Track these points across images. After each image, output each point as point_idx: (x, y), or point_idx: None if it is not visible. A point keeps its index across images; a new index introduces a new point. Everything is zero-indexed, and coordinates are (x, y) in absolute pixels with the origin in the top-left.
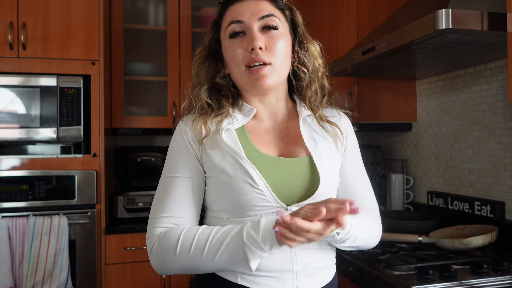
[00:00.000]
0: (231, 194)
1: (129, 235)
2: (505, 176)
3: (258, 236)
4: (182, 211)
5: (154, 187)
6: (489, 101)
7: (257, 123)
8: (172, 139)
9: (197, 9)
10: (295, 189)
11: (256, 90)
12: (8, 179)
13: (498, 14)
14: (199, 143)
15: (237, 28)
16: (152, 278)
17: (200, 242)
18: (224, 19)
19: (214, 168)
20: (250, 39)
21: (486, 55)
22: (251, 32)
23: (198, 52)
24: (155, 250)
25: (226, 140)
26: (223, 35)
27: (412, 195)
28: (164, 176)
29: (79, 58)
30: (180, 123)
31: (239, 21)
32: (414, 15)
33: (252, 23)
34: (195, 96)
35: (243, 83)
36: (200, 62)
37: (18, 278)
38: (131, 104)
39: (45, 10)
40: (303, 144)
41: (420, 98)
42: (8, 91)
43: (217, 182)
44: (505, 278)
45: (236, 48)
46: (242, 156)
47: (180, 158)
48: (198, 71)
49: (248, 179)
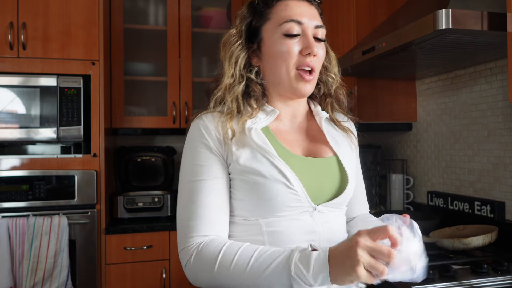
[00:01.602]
0: (262, 195)
1: (129, 235)
2: (505, 176)
3: (308, 272)
4: (215, 216)
5: (154, 187)
6: (489, 101)
7: (278, 124)
8: (190, 138)
9: (197, 9)
10: (325, 189)
11: (295, 94)
12: (8, 179)
13: (498, 14)
14: (224, 143)
15: (295, 29)
16: (152, 278)
17: (243, 261)
18: (276, 11)
19: (243, 169)
20: (308, 44)
21: (486, 55)
22: (308, 37)
23: (232, 34)
24: (191, 263)
25: (256, 139)
26: (272, 28)
27: (412, 195)
28: (188, 180)
29: (79, 58)
30: (199, 121)
31: (299, 22)
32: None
33: (309, 28)
34: (230, 93)
35: (284, 83)
36: (235, 46)
37: (18, 278)
38: (131, 104)
39: (45, 10)
40: (327, 144)
41: (420, 98)
42: (8, 91)
43: (245, 183)
44: (505, 278)
45: (292, 48)
46: (274, 156)
47: (204, 159)
48: (230, 56)
49: (283, 180)
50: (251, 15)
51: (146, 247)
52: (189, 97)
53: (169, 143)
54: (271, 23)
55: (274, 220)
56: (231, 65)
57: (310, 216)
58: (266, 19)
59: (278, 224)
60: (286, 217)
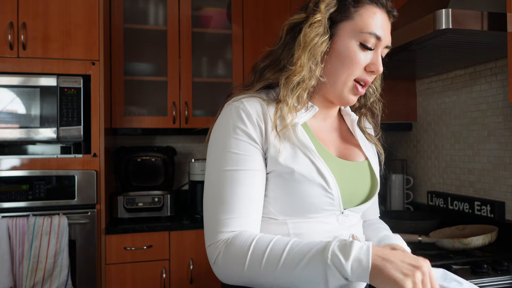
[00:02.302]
0: (297, 196)
1: (129, 235)
2: (505, 176)
3: (347, 262)
4: (250, 212)
5: (154, 187)
6: (489, 101)
7: (313, 121)
8: (225, 123)
9: (197, 9)
10: (357, 194)
11: (340, 102)
12: (8, 179)
13: (498, 14)
14: (266, 134)
15: (372, 43)
16: (152, 278)
17: (275, 254)
18: (362, 15)
19: (281, 167)
20: (376, 63)
21: (486, 55)
22: (378, 55)
23: (317, 21)
24: (220, 259)
25: (300, 135)
26: (351, 31)
27: (412, 195)
28: (221, 169)
29: (79, 58)
30: (239, 104)
31: (379, 38)
32: (414, 15)
33: (382, 46)
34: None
35: (336, 89)
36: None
37: (18, 278)
38: (131, 104)
39: (45, 10)
40: (359, 147)
41: (420, 98)
42: (8, 91)
43: (281, 181)
44: (505, 278)
45: (362, 60)
46: (316, 155)
47: (242, 148)
48: (312, 47)
49: (322, 182)
50: (336, 4)
51: (146, 247)
52: (189, 97)
53: (169, 143)
54: (352, 24)
55: (301, 221)
56: (311, 57)
57: (336, 219)
58: (349, 18)
59: (306, 226)
60: (314, 219)
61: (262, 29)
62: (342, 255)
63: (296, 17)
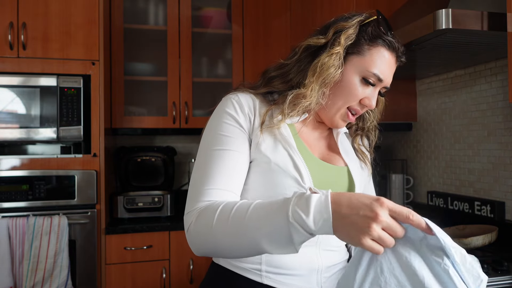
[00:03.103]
0: (272, 185)
1: (129, 235)
2: (505, 176)
3: (308, 218)
4: (231, 184)
5: (154, 187)
6: (489, 101)
7: (303, 127)
8: (218, 110)
9: (197, 9)
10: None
11: (330, 124)
12: (8, 179)
13: (498, 14)
14: (253, 123)
15: (373, 81)
16: (152, 278)
17: (239, 215)
18: (373, 54)
19: (260, 153)
20: (371, 98)
21: (486, 55)
22: (375, 92)
23: (336, 52)
24: (192, 225)
25: (282, 130)
26: (358, 66)
27: (412, 195)
28: (209, 148)
29: (79, 58)
30: (233, 96)
31: (380, 80)
32: (414, 15)
33: (380, 87)
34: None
35: (328, 113)
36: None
37: (18, 278)
38: (131, 104)
39: (45, 10)
40: (340, 155)
41: (420, 98)
42: (8, 91)
43: (259, 170)
44: (505, 278)
45: (359, 92)
46: (295, 150)
47: (230, 131)
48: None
49: (296, 175)
50: (354, 38)
51: (146, 247)
52: (189, 97)
53: (169, 143)
54: (361, 60)
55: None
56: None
57: None
58: (360, 53)
59: None
60: None
61: (262, 29)
62: (302, 212)
63: (315, 41)
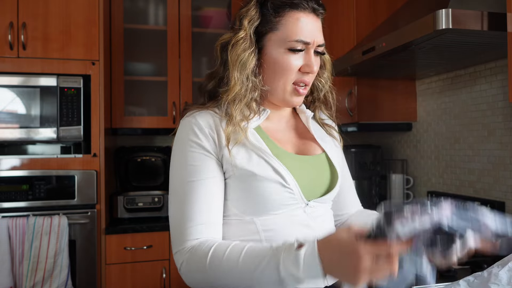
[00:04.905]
0: (258, 195)
1: (129, 235)
2: (505, 176)
3: (298, 271)
4: (210, 218)
5: (154, 187)
6: (489, 101)
7: (268, 123)
8: (181, 138)
9: (197, 9)
10: (317, 185)
11: (287, 105)
12: (8, 179)
13: (498, 14)
14: (219, 143)
15: (300, 46)
16: (152, 278)
17: (232, 258)
18: (286, 24)
19: (238, 169)
20: (309, 63)
21: (486, 55)
22: (310, 56)
23: (241, 37)
24: (184, 266)
25: (251, 139)
26: (278, 41)
27: (412, 195)
28: (182, 181)
29: (79, 58)
30: (191, 119)
31: (307, 43)
32: (414, 15)
33: (313, 47)
34: (238, 100)
35: (278, 95)
36: (246, 52)
37: (18, 278)
38: (131, 104)
39: (45, 10)
40: (315, 141)
41: (420, 98)
42: (8, 91)
43: (241, 184)
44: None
45: (293, 64)
46: (270, 155)
47: (198, 159)
48: (241, 62)
49: (279, 179)
50: (258, 18)
51: (146, 247)
52: (189, 97)
53: (169, 143)
54: (278, 34)
55: (269, 218)
56: (242, 72)
57: (304, 211)
58: (273, 29)
59: (274, 221)
60: (281, 214)
61: None
62: (293, 266)
63: (224, 37)
